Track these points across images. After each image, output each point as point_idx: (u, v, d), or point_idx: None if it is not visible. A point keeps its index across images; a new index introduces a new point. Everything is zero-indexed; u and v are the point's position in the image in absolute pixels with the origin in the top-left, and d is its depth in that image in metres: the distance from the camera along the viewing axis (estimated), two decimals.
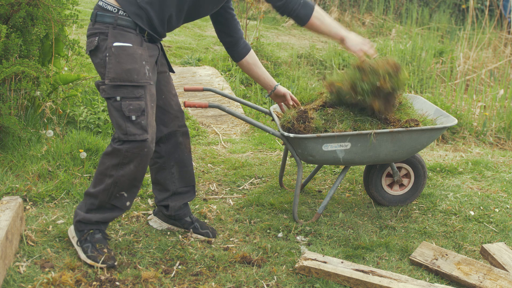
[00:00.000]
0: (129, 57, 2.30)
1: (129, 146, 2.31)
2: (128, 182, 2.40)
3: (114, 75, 2.29)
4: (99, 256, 2.40)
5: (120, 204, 2.45)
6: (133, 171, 2.36)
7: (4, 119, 3.30)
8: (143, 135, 2.31)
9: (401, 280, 2.38)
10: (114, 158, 2.36)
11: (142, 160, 2.36)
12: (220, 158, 3.92)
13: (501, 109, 5.73)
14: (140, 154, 2.33)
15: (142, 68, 2.31)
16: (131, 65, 2.29)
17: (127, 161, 2.34)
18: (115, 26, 2.32)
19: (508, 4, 8.96)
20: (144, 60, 2.33)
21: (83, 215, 2.46)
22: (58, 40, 3.84)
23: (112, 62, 2.29)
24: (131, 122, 2.30)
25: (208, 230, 2.78)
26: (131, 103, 2.30)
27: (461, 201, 3.35)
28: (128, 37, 2.32)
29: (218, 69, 6.34)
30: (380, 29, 9.43)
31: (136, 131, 2.30)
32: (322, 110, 2.96)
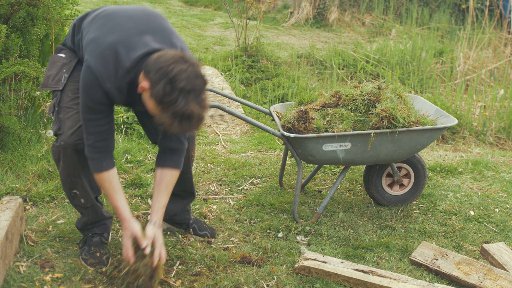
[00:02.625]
0: (52, 64, 2.46)
1: (54, 143, 2.36)
2: (68, 179, 2.40)
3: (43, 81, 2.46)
4: (89, 260, 2.46)
5: (78, 202, 2.47)
6: (63, 167, 2.37)
7: (4, 119, 3.30)
8: (58, 130, 2.35)
9: (401, 280, 2.38)
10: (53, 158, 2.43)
11: (64, 156, 2.33)
12: (220, 158, 3.92)
13: (501, 109, 5.73)
14: (60, 149, 2.32)
15: (59, 74, 2.42)
16: (50, 72, 2.43)
17: (57, 158, 2.37)
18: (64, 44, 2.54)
19: (508, 4, 8.96)
20: (64, 68, 2.42)
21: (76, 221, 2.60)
22: (58, 40, 3.84)
23: None
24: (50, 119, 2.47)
25: (207, 231, 2.78)
26: (50, 102, 2.49)
27: (461, 201, 3.35)
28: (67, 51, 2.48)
29: (218, 69, 6.34)
30: (380, 29, 9.43)
31: (54, 127, 2.37)
32: (323, 110, 2.96)
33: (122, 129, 4.09)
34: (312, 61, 7.14)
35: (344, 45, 7.84)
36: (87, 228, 2.55)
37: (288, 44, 7.93)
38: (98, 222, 2.57)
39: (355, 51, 7.34)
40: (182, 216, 2.76)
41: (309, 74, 6.71)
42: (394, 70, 6.75)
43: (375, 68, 6.89)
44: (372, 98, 2.91)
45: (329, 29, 9.48)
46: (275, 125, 3.63)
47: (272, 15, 10.25)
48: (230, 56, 6.66)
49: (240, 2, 6.85)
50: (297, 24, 9.54)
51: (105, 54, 2.12)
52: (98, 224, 2.57)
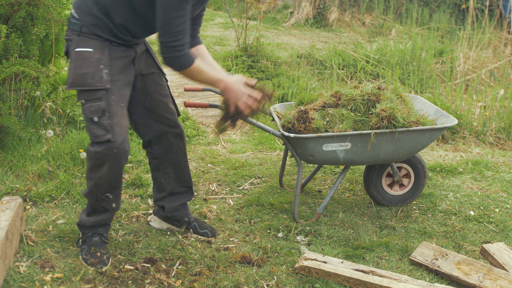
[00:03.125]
0: (84, 61, 2.31)
1: (97, 148, 2.32)
2: (107, 184, 2.40)
3: (71, 80, 2.32)
4: (90, 260, 2.44)
5: (108, 205, 2.47)
6: (108, 172, 2.36)
7: (4, 119, 3.30)
8: (106, 136, 2.30)
9: (401, 280, 2.38)
10: (89, 161, 2.39)
11: (114, 161, 2.34)
12: (220, 158, 3.92)
13: (501, 109, 5.73)
14: (110, 155, 2.31)
15: (98, 71, 2.31)
16: (86, 69, 2.30)
17: (99, 163, 2.35)
18: (79, 33, 2.35)
19: (508, 4, 8.96)
20: (102, 64, 2.32)
21: (81, 218, 2.53)
22: (58, 40, 3.84)
23: (71, 68, 2.33)
24: (95, 123, 2.31)
25: (207, 230, 2.78)
26: (92, 104, 2.31)
27: (461, 201, 3.35)
28: (90, 43, 2.34)
29: None
30: (380, 29, 9.43)
31: (100, 132, 2.30)
32: (323, 110, 2.96)
33: None
34: (312, 61, 7.14)
35: (344, 45, 7.84)
36: (93, 227, 2.52)
37: (288, 44, 7.93)
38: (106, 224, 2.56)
39: (355, 51, 7.34)
40: (182, 212, 2.78)
41: (309, 74, 6.71)
42: (394, 70, 6.75)
43: (375, 68, 6.90)
44: (372, 98, 2.91)
45: (329, 29, 9.48)
46: (275, 125, 3.63)
47: (272, 15, 10.25)
48: (230, 56, 6.66)
49: (240, 2, 6.85)
50: (297, 24, 9.54)
51: None
52: (104, 224, 2.56)
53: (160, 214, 2.83)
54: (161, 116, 2.61)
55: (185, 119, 4.54)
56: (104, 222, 2.53)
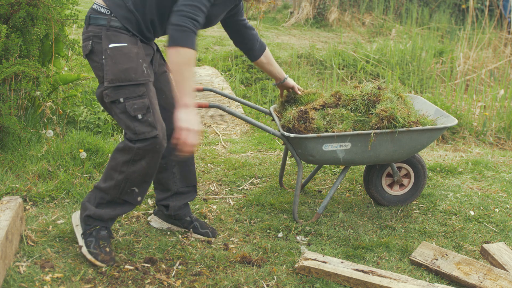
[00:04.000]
0: (124, 56, 2.27)
1: (141, 145, 2.29)
2: (139, 178, 2.38)
3: (112, 77, 2.26)
4: (100, 255, 2.40)
5: (131, 199, 2.43)
6: (144, 167, 2.34)
7: (4, 119, 3.30)
8: (152, 132, 2.28)
9: (401, 280, 2.38)
10: (126, 155, 2.33)
11: (154, 156, 2.33)
12: (220, 158, 3.92)
13: (501, 109, 5.73)
14: (152, 151, 2.31)
15: (139, 66, 2.28)
16: (128, 64, 2.26)
17: (138, 158, 2.32)
18: (108, 28, 2.29)
19: (508, 4, 8.96)
20: (141, 58, 2.31)
21: (94, 210, 2.43)
22: (58, 40, 3.84)
23: (109, 64, 2.27)
24: (138, 121, 2.27)
25: (208, 230, 2.78)
26: (134, 102, 2.27)
27: (461, 201, 3.35)
28: (123, 37, 2.30)
29: (218, 69, 6.34)
30: (380, 29, 9.43)
31: (145, 129, 2.28)
32: (323, 110, 2.96)
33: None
34: (312, 61, 7.14)
35: (344, 45, 7.84)
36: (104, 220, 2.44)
37: (288, 44, 7.93)
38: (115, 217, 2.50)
39: (355, 51, 7.34)
40: (185, 210, 2.78)
41: (309, 74, 6.71)
42: (394, 70, 6.75)
43: (375, 68, 6.90)
44: (372, 98, 2.91)
45: (329, 29, 9.48)
46: (275, 125, 3.63)
47: (272, 15, 10.25)
48: (230, 56, 6.66)
49: None
50: (297, 24, 9.54)
51: None
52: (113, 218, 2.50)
53: (161, 214, 2.82)
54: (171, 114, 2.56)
55: None
56: (120, 214, 2.47)
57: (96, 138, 3.65)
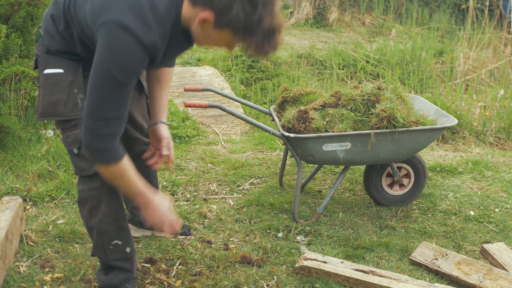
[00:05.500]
0: (54, 86, 1.93)
1: (88, 183, 1.98)
2: (112, 226, 2.05)
3: (42, 110, 1.96)
4: None
5: (121, 255, 2.11)
6: (107, 212, 2.01)
7: (4, 119, 3.30)
8: (93, 168, 1.94)
9: (401, 280, 2.38)
10: (85, 205, 2.03)
11: (110, 196, 2.00)
12: (220, 158, 3.92)
13: (501, 109, 5.73)
14: (104, 189, 1.98)
15: (71, 98, 1.94)
16: (57, 96, 1.93)
17: (96, 203, 2.00)
18: (47, 51, 1.96)
19: (508, 4, 8.96)
20: (76, 88, 1.95)
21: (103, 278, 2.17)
22: None
23: (40, 94, 1.97)
24: (76, 156, 1.96)
25: (185, 229, 2.78)
26: (68, 134, 1.96)
27: (461, 201, 3.35)
28: (61, 62, 1.95)
29: (218, 69, 6.34)
30: (380, 29, 9.43)
31: (85, 165, 1.95)
32: (323, 110, 2.96)
33: None
34: (312, 61, 7.14)
35: (344, 45, 7.84)
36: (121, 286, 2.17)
37: (288, 44, 7.93)
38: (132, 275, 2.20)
39: (355, 51, 7.34)
40: None
41: (309, 74, 6.71)
42: (394, 70, 6.75)
43: (375, 68, 6.90)
44: (372, 98, 2.91)
45: (329, 29, 9.48)
46: (275, 125, 3.63)
47: None
48: (230, 56, 6.66)
49: None
50: (297, 24, 9.54)
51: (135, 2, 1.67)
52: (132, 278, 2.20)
53: (135, 221, 2.69)
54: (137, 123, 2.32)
55: (185, 119, 4.54)
56: (125, 280, 2.17)
57: None
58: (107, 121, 1.74)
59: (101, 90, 1.70)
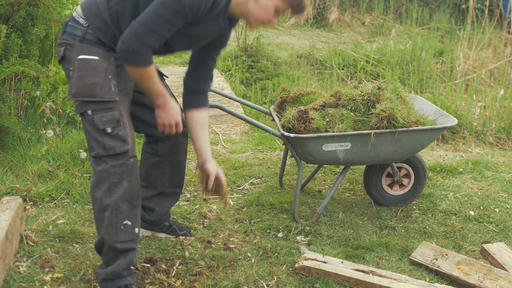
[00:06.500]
0: (92, 70, 2.14)
1: (113, 162, 2.13)
2: (127, 204, 2.16)
3: (75, 90, 2.14)
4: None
5: (129, 235, 2.18)
6: (128, 188, 2.15)
7: (4, 119, 3.30)
8: (123, 146, 2.14)
9: (401, 280, 2.38)
10: (104, 184, 2.14)
11: (132, 173, 2.16)
12: (220, 158, 3.92)
13: (501, 109, 5.73)
14: (128, 167, 2.14)
15: (107, 82, 2.15)
16: (94, 79, 2.13)
17: (117, 180, 2.13)
18: (81, 39, 2.17)
19: (508, 4, 8.96)
20: (110, 74, 2.17)
21: (105, 270, 2.20)
22: None
23: (74, 76, 2.14)
24: (107, 135, 2.13)
25: (186, 230, 2.78)
26: (103, 115, 2.14)
27: (461, 201, 3.35)
28: (95, 51, 2.17)
29: (218, 69, 6.34)
30: (380, 29, 9.43)
31: (115, 144, 2.14)
32: (323, 110, 2.96)
33: None
34: (312, 61, 7.14)
35: (344, 45, 7.84)
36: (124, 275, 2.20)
37: (288, 44, 7.93)
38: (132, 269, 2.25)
39: (355, 51, 7.34)
40: (167, 216, 2.73)
41: (309, 74, 6.71)
42: (394, 70, 6.75)
43: (375, 68, 6.90)
44: (372, 98, 2.91)
45: (329, 29, 9.48)
46: (275, 125, 3.63)
47: None
48: (230, 56, 6.66)
49: None
50: (297, 24, 9.54)
51: None
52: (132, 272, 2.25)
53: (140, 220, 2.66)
54: None
55: None
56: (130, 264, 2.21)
57: None
58: (154, 34, 2.07)
59: (163, 9, 2.04)
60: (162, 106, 2.28)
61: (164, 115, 2.30)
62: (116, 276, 2.18)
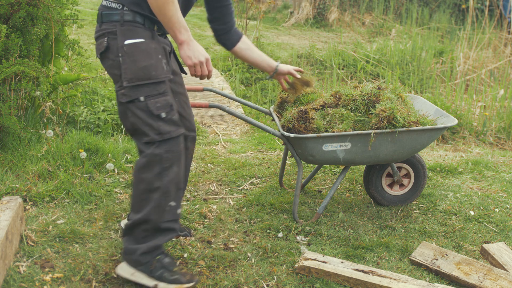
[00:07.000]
0: (143, 53, 2.14)
1: (167, 147, 2.16)
2: (174, 187, 2.21)
3: (131, 76, 2.14)
4: (182, 277, 2.23)
5: (173, 215, 2.25)
6: (177, 172, 2.20)
7: (4, 119, 3.30)
8: (178, 130, 2.18)
9: (401, 280, 2.38)
10: (155, 167, 2.17)
11: (181, 158, 2.21)
12: (220, 158, 3.92)
13: (501, 109, 5.73)
14: (179, 151, 2.19)
15: (159, 62, 2.17)
16: (147, 61, 2.14)
17: (169, 164, 2.17)
18: (122, 23, 2.16)
19: (508, 4, 8.96)
20: (160, 54, 2.20)
21: (144, 245, 2.23)
22: (58, 40, 3.84)
23: (126, 62, 2.14)
24: (162, 120, 2.15)
25: (186, 231, 2.78)
26: (157, 100, 2.15)
27: (461, 201, 3.35)
28: (138, 32, 2.16)
29: (218, 69, 6.34)
30: (380, 29, 9.43)
31: (170, 128, 2.16)
32: (323, 110, 2.96)
33: (122, 129, 4.10)
34: (312, 61, 7.14)
35: (344, 45, 7.84)
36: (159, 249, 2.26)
37: (288, 44, 7.93)
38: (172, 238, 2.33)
39: (355, 51, 7.34)
40: None
41: (309, 74, 6.71)
42: (394, 70, 6.75)
43: (375, 68, 6.90)
44: (372, 98, 2.91)
45: (329, 29, 9.48)
46: (275, 125, 3.63)
47: (272, 15, 10.25)
48: (230, 56, 6.66)
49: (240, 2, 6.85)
50: (297, 24, 9.54)
51: None
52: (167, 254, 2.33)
53: None
54: (184, 119, 2.46)
55: None
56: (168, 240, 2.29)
57: (96, 138, 3.65)
58: None
59: None
60: (187, 43, 2.16)
61: (191, 53, 2.16)
62: (156, 249, 2.25)
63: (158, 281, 2.23)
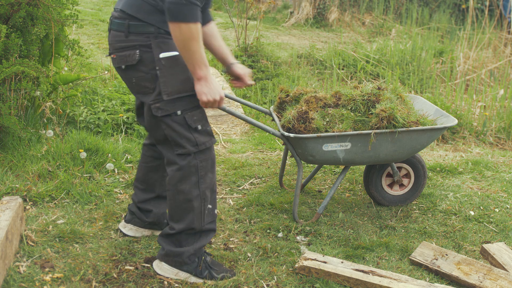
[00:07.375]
0: (180, 66, 2.18)
1: (203, 157, 2.27)
2: (210, 191, 2.34)
3: (171, 89, 2.17)
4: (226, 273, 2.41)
5: (212, 217, 2.37)
6: (211, 178, 2.32)
7: (4, 119, 3.30)
8: (211, 140, 2.30)
9: (401, 280, 2.38)
10: (192, 178, 2.27)
11: (214, 164, 2.33)
12: (220, 158, 3.92)
13: (501, 109, 5.73)
14: (212, 159, 2.31)
15: (190, 75, 2.21)
16: (185, 75, 2.19)
17: (204, 172, 2.28)
18: (156, 35, 2.16)
19: (508, 4, 8.96)
20: None
21: (192, 248, 2.35)
22: (58, 40, 3.84)
23: (165, 75, 2.16)
24: (198, 132, 2.24)
25: None
26: (193, 113, 2.23)
27: (461, 201, 3.35)
28: (172, 45, 2.17)
29: (218, 69, 6.34)
30: (380, 29, 9.43)
31: (205, 139, 2.27)
32: (323, 110, 2.96)
33: (122, 129, 4.10)
34: (312, 61, 7.14)
35: (344, 45, 7.84)
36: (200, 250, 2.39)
37: (288, 44, 7.93)
38: None
39: (355, 51, 7.34)
40: (165, 214, 2.73)
41: (309, 74, 6.71)
42: (394, 70, 6.75)
43: (375, 68, 6.90)
44: (372, 98, 2.91)
45: (329, 29, 9.48)
46: (275, 125, 3.63)
47: (272, 15, 10.25)
48: None
49: (240, 2, 6.86)
50: (297, 24, 9.54)
51: None
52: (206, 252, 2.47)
53: (137, 221, 2.70)
54: None
55: None
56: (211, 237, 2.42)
57: (96, 138, 3.65)
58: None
59: None
60: (204, 80, 2.15)
61: (207, 90, 2.16)
62: (200, 249, 2.38)
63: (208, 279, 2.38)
